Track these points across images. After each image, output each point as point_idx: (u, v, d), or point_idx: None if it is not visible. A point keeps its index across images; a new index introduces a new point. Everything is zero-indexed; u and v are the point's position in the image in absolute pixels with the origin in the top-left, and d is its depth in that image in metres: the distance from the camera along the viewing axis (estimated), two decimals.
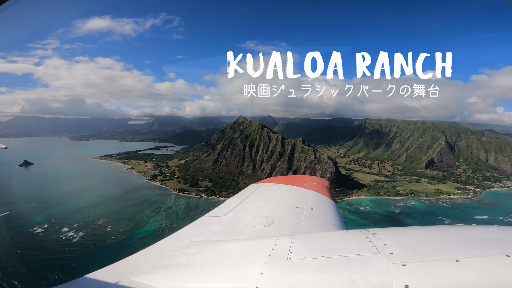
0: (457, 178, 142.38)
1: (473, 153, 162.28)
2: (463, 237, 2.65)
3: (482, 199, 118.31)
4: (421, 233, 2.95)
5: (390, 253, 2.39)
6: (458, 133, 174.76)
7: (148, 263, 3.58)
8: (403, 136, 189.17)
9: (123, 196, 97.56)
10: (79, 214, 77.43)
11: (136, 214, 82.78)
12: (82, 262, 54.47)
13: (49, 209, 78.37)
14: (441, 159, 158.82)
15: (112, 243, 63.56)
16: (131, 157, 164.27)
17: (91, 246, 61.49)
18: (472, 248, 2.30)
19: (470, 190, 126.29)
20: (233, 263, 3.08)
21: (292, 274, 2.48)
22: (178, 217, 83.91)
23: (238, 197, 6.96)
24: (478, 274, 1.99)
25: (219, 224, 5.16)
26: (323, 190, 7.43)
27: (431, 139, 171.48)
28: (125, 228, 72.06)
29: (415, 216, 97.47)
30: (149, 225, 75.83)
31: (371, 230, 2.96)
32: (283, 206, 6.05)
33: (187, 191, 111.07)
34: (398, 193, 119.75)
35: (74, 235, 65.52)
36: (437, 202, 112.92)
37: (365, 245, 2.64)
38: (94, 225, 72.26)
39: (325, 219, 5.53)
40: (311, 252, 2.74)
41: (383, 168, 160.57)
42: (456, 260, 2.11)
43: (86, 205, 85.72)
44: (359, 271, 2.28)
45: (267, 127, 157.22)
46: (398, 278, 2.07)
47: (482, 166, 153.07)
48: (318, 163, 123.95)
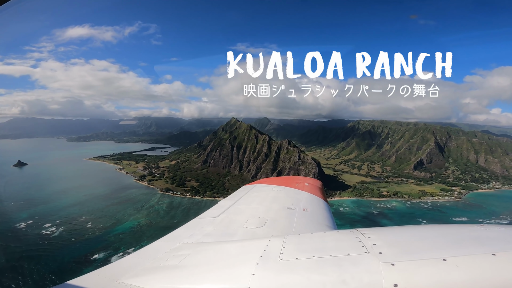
0: (445, 180, 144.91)
1: (463, 154, 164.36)
2: (450, 236, 2.71)
3: (466, 201, 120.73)
4: (410, 233, 3.02)
5: (379, 252, 2.45)
6: (449, 134, 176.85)
7: (140, 265, 3.64)
8: (395, 138, 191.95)
9: (109, 195, 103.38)
10: (63, 212, 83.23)
11: (118, 212, 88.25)
12: (58, 254, 60.38)
13: (35, 207, 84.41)
14: (430, 160, 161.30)
15: (89, 238, 68.99)
16: (124, 158, 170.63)
17: (69, 240, 67.07)
18: (459, 247, 2.37)
19: (455, 191, 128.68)
20: (225, 265, 3.13)
21: (283, 275, 2.52)
22: (158, 215, 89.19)
23: (231, 199, 7.04)
24: (465, 272, 2.03)
25: (212, 226, 5.23)
26: (315, 190, 7.60)
27: (421, 140, 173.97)
28: (104, 225, 77.45)
29: (392, 217, 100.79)
30: (128, 222, 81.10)
31: (361, 230, 3.04)
32: (276, 207, 6.14)
33: (172, 190, 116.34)
34: (381, 194, 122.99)
35: (55, 230, 71.32)
36: (419, 204, 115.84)
37: (355, 245, 2.71)
38: (76, 221, 77.88)
39: (317, 219, 5.64)
40: (303, 253, 2.80)
41: (372, 170, 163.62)
42: (443, 259, 2.15)
43: (72, 203, 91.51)
44: (350, 271, 2.32)
45: (255, 128, 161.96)
46: (387, 277, 2.11)
47: (471, 167, 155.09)
48: (302, 164, 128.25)
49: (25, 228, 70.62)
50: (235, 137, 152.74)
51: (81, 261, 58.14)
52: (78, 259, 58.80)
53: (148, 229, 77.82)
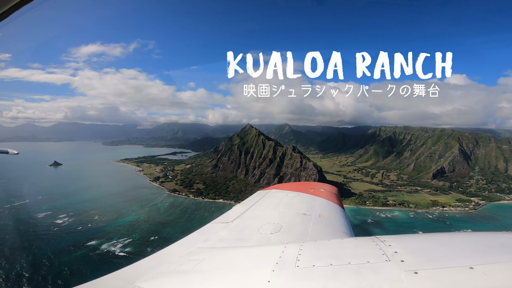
0: (466, 190, 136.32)
1: (491, 163, 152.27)
2: (476, 243, 2.64)
3: (481, 213, 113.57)
4: (433, 240, 2.97)
5: (401, 260, 2.38)
6: (476, 140, 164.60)
7: (155, 269, 3.69)
8: (416, 144, 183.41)
9: (123, 193, 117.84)
10: (78, 205, 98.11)
11: (125, 208, 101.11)
12: (61, 239, 73.74)
13: (57, 201, 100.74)
14: (453, 169, 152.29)
15: (92, 228, 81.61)
16: (146, 161, 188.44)
17: (75, 228, 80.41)
18: (486, 255, 2.28)
19: (472, 202, 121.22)
20: (240, 270, 3.13)
21: (300, 282, 2.47)
22: (158, 212, 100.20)
23: (245, 204, 7.11)
24: (493, 281, 1.96)
25: (226, 231, 5.24)
26: (331, 196, 7.60)
27: (444, 147, 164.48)
28: (108, 218, 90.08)
29: (387, 226, 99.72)
30: (129, 217, 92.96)
31: (381, 237, 2.98)
32: (291, 213, 6.12)
33: (179, 191, 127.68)
34: (386, 203, 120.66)
35: (66, 220, 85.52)
36: (424, 214, 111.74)
37: (375, 253, 2.63)
38: (86, 214, 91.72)
39: (334, 226, 5.59)
40: (320, 260, 2.74)
41: (386, 178, 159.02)
42: (470, 267, 2.07)
43: (88, 198, 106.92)
44: (369, 279, 2.26)
45: (264, 134, 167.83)
46: (409, 286, 2.05)
47: (499, 176, 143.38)
48: (303, 170, 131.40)
49: (42, 218, 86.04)
50: (244, 142, 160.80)
51: (77, 246, 70.42)
52: (76, 244, 71.11)
53: (144, 224, 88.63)
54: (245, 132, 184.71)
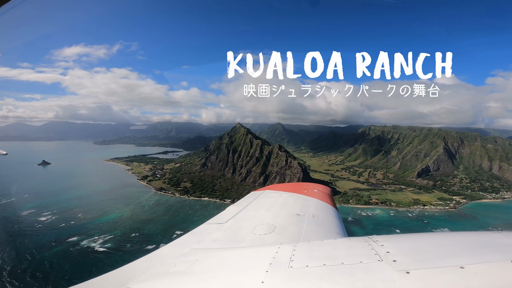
0: (449, 188, 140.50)
1: (476, 161, 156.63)
2: (467, 243, 2.71)
3: (461, 211, 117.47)
4: (425, 240, 3.02)
5: (393, 260, 2.44)
6: (462, 139, 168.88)
7: (148, 271, 3.73)
8: (403, 143, 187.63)
9: (109, 191, 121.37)
10: (63, 203, 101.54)
11: (109, 205, 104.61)
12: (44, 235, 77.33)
13: (43, 199, 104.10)
14: (437, 168, 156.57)
15: (74, 225, 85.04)
16: (136, 160, 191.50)
17: (57, 225, 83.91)
18: (477, 254, 2.35)
19: (454, 201, 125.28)
20: (234, 271, 3.15)
21: (294, 283, 2.50)
22: (142, 210, 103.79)
23: (238, 205, 7.21)
24: (484, 280, 2.00)
25: (220, 232, 5.32)
26: (324, 197, 7.72)
27: (430, 146, 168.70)
28: (91, 215, 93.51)
29: (366, 225, 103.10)
30: (112, 214, 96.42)
31: (374, 237, 3.05)
32: (284, 214, 6.21)
33: (165, 190, 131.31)
34: (368, 202, 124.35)
35: (50, 217, 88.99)
36: (404, 213, 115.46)
37: (367, 253, 2.71)
38: (70, 212, 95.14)
39: (327, 226, 5.69)
40: (313, 260, 2.80)
41: (372, 177, 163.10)
42: (461, 266, 2.12)
43: (74, 196, 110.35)
44: (362, 279, 2.30)
45: (252, 133, 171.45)
46: (402, 286, 2.09)
47: (483, 175, 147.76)
48: (288, 168, 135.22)
49: (27, 215, 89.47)
50: (232, 141, 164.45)
51: (59, 241, 73.87)
52: (57, 240, 74.59)
53: (126, 221, 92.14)
54: (235, 131, 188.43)
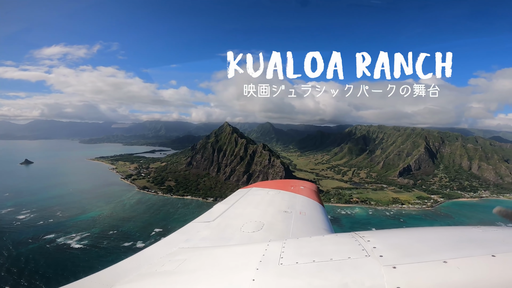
0: (429, 187, 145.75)
1: (456, 161, 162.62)
2: (450, 238, 2.79)
3: (438, 210, 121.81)
4: (409, 235, 3.12)
5: (380, 255, 2.51)
6: (443, 139, 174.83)
7: (135, 271, 3.67)
8: (387, 143, 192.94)
9: (91, 190, 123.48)
10: (43, 202, 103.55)
11: (90, 204, 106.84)
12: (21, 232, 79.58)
13: (23, 197, 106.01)
14: (419, 167, 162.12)
15: (52, 223, 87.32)
16: (122, 159, 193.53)
17: (35, 223, 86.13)
18: (458, 249, 2.44)
19: (431, 200, 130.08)
20: (224, 270, 3.15)
21: (284, 279, 2.54)
22: (123, 208, 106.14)
23: (226, 202, 7.21)
24: (466, 274, 2.09)
25: (208, 230, 5.33)
26: (311, 194, 7.84)
27: (412, 145, 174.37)
28: (71, 214, 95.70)
29: (343, 223, 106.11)
30: (92, 212, 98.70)
31: (360, 233, 3.12)
32: (272, 211, 6.27)
33: (148, 188, 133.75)
34: (349, 200, 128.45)
35: (29, 215, 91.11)
36: (383, 211, 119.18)
37: (355, 249, 2.76)
38: (50, 210, 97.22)
39: (314, 222, 5.78)
40: (303, 257, 2.84)
41: (356, 176, 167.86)
42: (444, 261, 2.22)
43: (55, 195, 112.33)
44: (351, 274, 2.36)
45: (237, 132, 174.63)
46: (389, 280, 2.15)
47: (462, 174, 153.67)
48: (271, 167, 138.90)
49: (5, 213, 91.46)
50: (218, 140, 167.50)
51: (35, 238, 76.25)
52: (34, 237, 76.92)
53: (106, 219, 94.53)
54: (222, 130, 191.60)
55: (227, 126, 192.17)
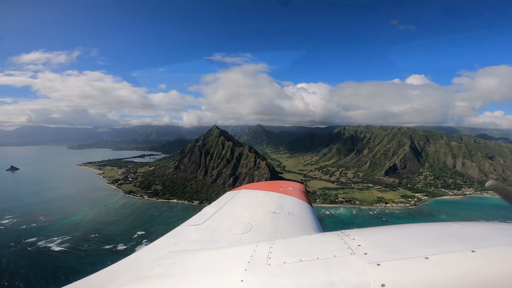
0: (414, 186, 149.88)
1: (440, 159, 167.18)
2: (431, 234, 2.91)
3: (420, 208, 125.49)
4: (393, 232, 3.19)
5: (364, 253, 2.60)
6: (427, 138, 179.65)
7: (124, 276, 3.71)
8: (374, 142, 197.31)
9: (77, 195, 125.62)
10: (27, 207, 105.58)
11: (75, 208, 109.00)
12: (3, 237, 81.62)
13: (6, 203, 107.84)
14: (404, 165, 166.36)
15: (35, 227, 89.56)
16: (110, 164, 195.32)
17: (18, 228, 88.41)
18: (439, 245, 2.53)
19: (415, 198, 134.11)
20: (213, 272, 3.21)
21: (272, 280, 2.61)
22: (107, 213, 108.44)
23: (215, 205, 7.26)
24: (447, 270, 2.17)
25: (197, 233, 5.37)
26: (299, 194, 7.98)
27: (398, 145, 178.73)
28: (54, 218, 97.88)
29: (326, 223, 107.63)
30: (75, 217, 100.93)
31: (346, 231, 3.21)
32: (261, 212, 6.36)
33: (134, 193, 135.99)
34: (334, 200, 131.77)
35: (11, 220, 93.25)
36: (366, 211, 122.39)
37: (340, 247, 2.85)
38: (33, 215, 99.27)
39: (302, 222, 5.88)
40: (290, 257, 2.92)
41: (344, 176, 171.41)
42: (426, 257, 2.31)
43: (40, 201, 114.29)
44: (337, 272, 2.44)
45: (224, 135, 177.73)
46: (374, 277, 2.23)
47: (447, 172, 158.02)
48: (257, 169, 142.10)
49: None
50: (205, 144, 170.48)
51: (17, 242, 78.55)
52: (16, 241, 79.18)
53: (89, 223, 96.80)
54: (209, 133, 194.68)
55: (215, 129, 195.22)
